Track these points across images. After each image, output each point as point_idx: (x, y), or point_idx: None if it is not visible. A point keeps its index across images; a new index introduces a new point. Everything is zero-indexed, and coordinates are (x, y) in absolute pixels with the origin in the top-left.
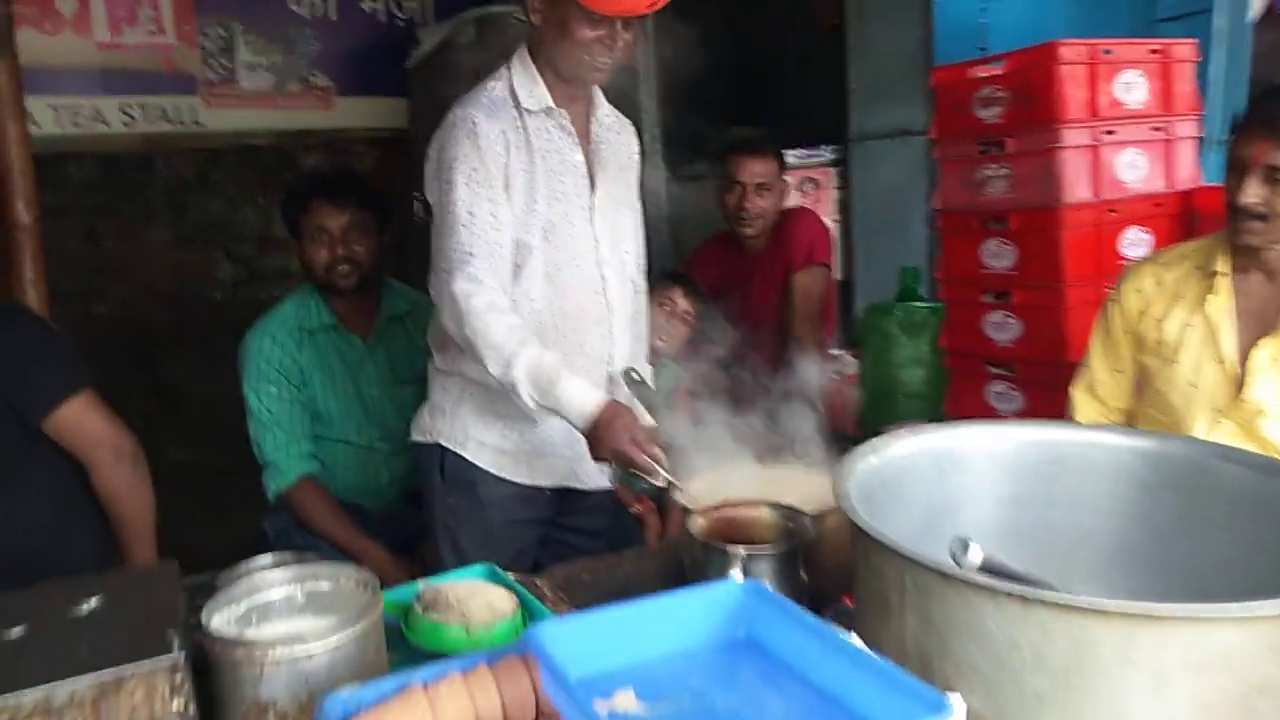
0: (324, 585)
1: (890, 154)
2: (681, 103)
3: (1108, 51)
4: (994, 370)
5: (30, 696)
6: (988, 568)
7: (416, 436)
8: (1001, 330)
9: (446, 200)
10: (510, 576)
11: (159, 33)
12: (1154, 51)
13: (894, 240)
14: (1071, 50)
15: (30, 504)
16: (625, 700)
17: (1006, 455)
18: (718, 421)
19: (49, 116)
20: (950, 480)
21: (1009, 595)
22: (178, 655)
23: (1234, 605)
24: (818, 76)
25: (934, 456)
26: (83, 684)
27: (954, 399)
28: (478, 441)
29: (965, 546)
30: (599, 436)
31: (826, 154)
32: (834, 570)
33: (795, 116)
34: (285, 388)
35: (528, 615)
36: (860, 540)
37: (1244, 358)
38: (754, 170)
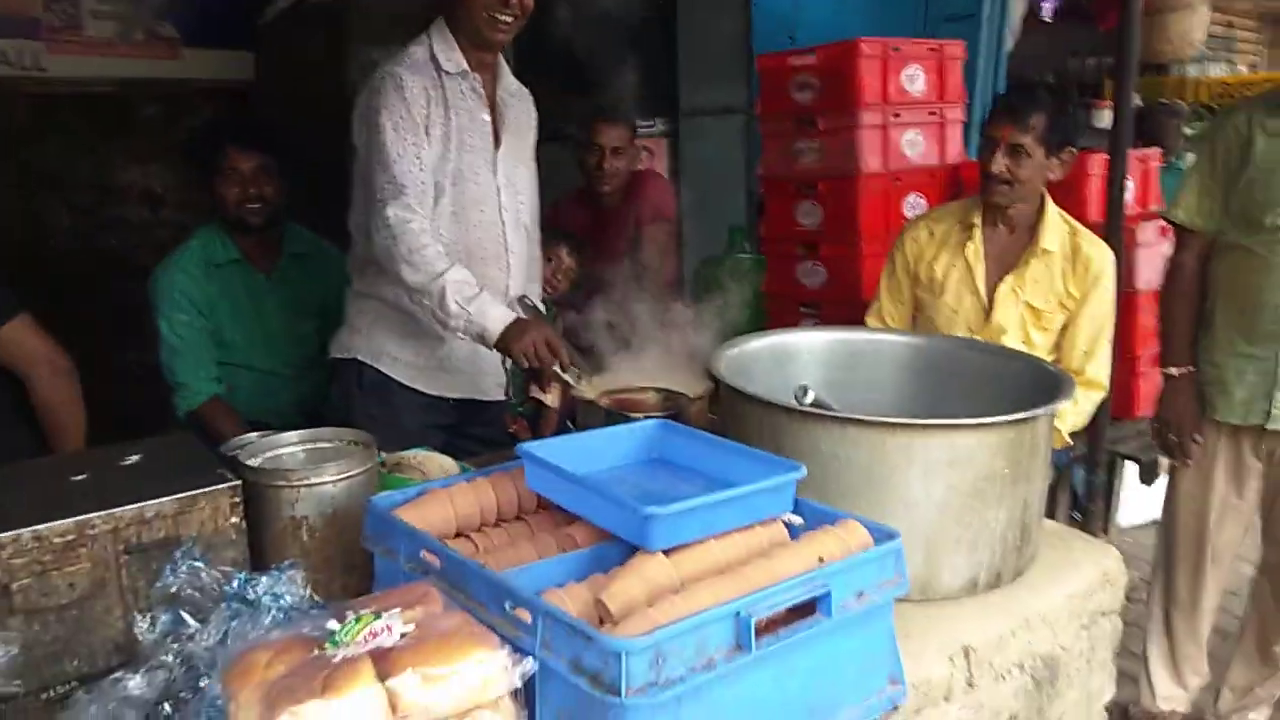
0: (325, 444)
1: (715, 128)
2: (533, 71)
3: (897, 49)
4: (805, 309)
5: (130, 510)
6: (817, 405)
7: (336, 353)
8: (811, 276)
9: (375, 142)
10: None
11: None
12: (932, 50)
13: (717, 203)
14: (869, 46)
15: None
16: None
17: (821, 351)
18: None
19: None
20: (784, 367)
21: (833, 419)
22: (235, 482)
23: (969, 419)
24: (651, 56)
25: (773, 350)
26: (167, 502)
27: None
28: (391, 356)
29: (806, 391)
30: (517, 337)
31: (659, 126)
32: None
33: (631, 91)
34: (194, 316)
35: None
36: (730, 398)
37: (991, 291)
38: (611, 135)
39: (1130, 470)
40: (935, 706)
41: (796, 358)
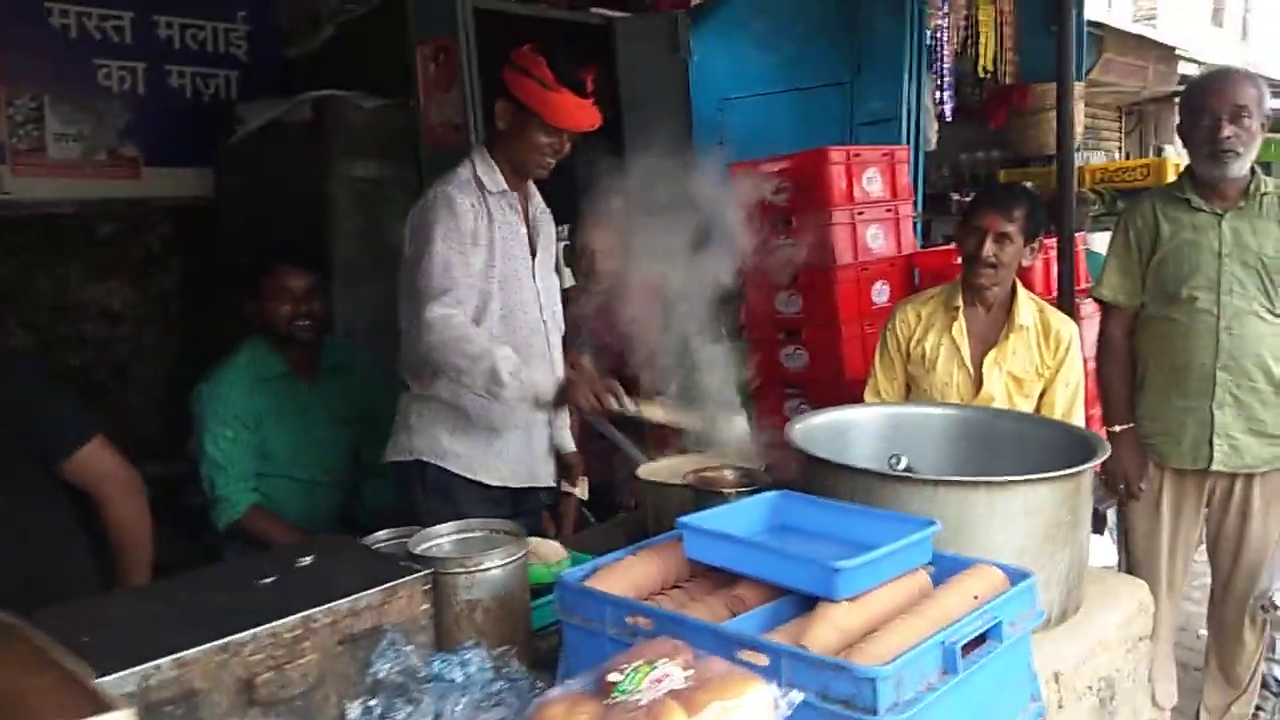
0: (473, 535)
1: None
2: None
3: (858, 155)
4: (790, 390)
5: (345, 604)
6: (909, 470)
7: (395, 456)
8: (794, 359)
9: (425, 253)
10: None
11: None
12: (884, 155)
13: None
14: (836, 153)
15: (37, 536)
16: None
17: (874, 424)
18: None
19: None
20: (844, 438)
21: (924, 482)
22: (428, 572)
23: (1040, 474)
24: (599, 159)
25: (832, 425)
26: (374, 593)
27: (761, 414)
28: (452, 453)
29: (898, 459)
30: (570, 389)
31: None
32: None
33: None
34: (239, 431)
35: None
36: (820, 468)
37: (977, 365)
38: (601, 239)
39: None
40: None
41: (851, 431)
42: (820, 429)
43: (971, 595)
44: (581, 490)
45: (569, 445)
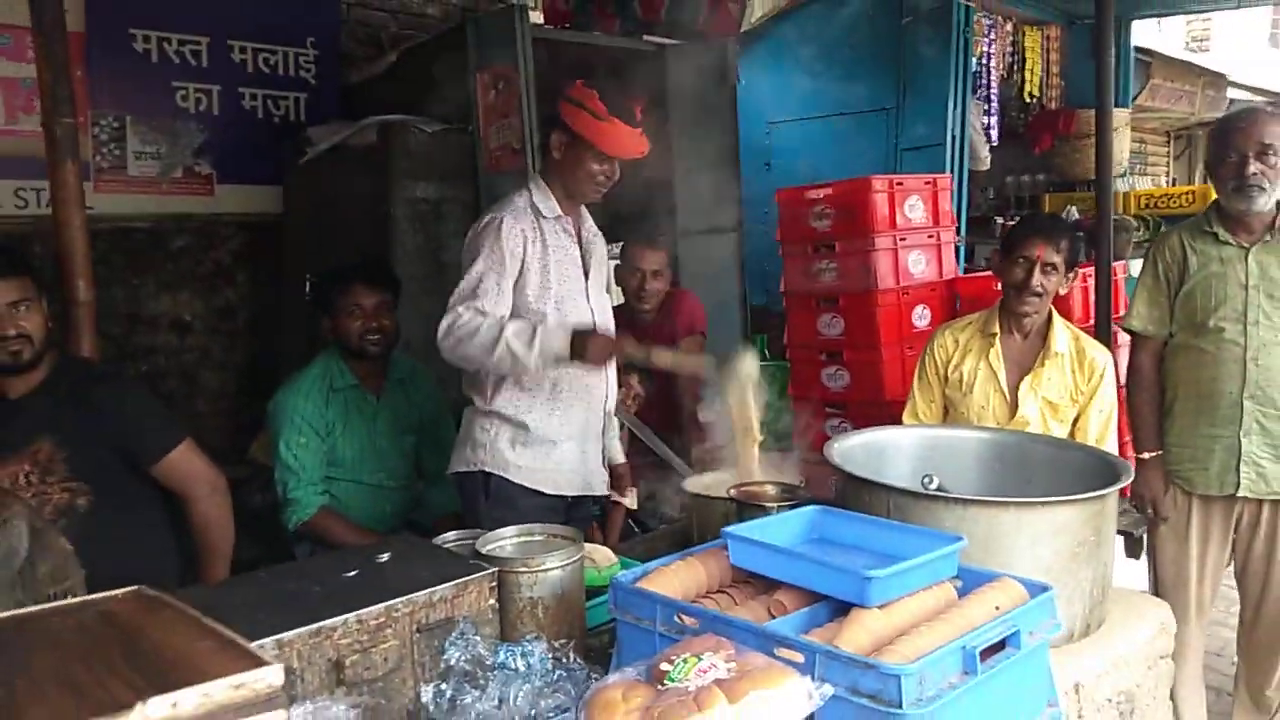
0: (533, 538)
1: (709, 246)
2: None
3: (900, 183)
4: (830, 409)
5: (422, 596)
6: (941, 490)
7: (460, 468)
8: (835, 380)
9: (468, 271)
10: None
11: None
12: (927, 183)
13: (715, 314)
14: (879, 182)
15: (126, 532)
16: None
17: (909, 446)
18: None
19: None
20: (880, 459)
21: (956, 500)
22: (494, 569)
23: (1068, 496)
24: (649, 182)
25: (868, 446)
26: (448, 587)
27: (800, 433)
28: (515, 465)
29: (931, 478)
30: (584, 349)
31: None
32: None
33: (632, 216)
34: (311, 438)
35: (624, 563)
36: (856, 485)
37: (1013, 390)
38: (651, 259)
39: (1118, 543)
40: None
41: (888, 451)
42: (859, 449)
43: (994, 606)
44: (631, 500)
45: (619, 457)
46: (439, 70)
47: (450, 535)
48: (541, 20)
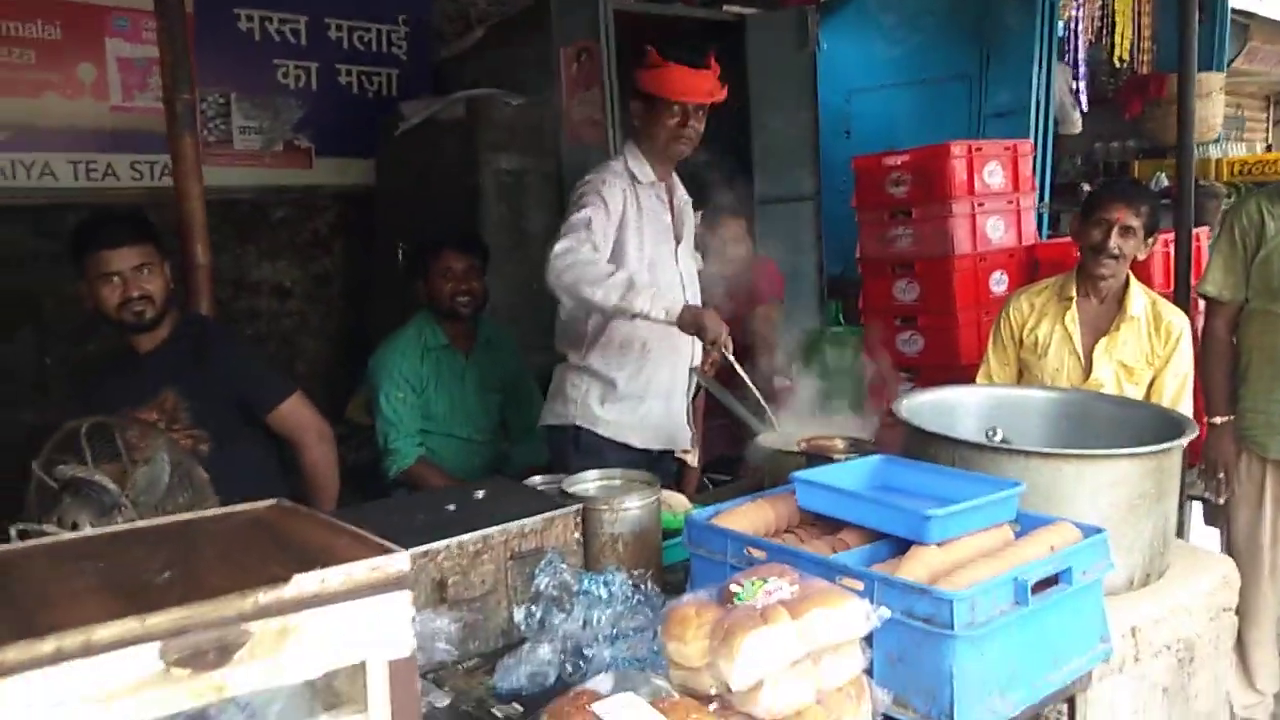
0: (613, 481)
1: (787, 214)
2: None
3: (979, 149)
4: (904, 374)
5: (514, 526)
6: (1005, 442)
7: (551, 420)
8: (910, 344)
9: (570, 218)
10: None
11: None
12: (1006, 149)
13: (792, 281)
14: (958, 148)
15: (242, 473)
16: None
17: (975, 404)
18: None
19: (68, 171)
20: (948, 415)
21: (1019, 452)
22: (578, 506)
23: (1126, 450)
24: (730, 151)
25: (936, 403)
26: (538, 520)
27: (874, 396)
28: (604, 420)
29: (995, 431)
30: (705, 316)
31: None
32: None
33: (711, 184)
34: (408, 393)
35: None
36: (922, 438)
37: (1088, 352)
38: (731, 226)
39: (1196, 510)
40: (1113, 675)
41: (955, 409)
42: (926, 406)
43: (1049, 546)
44: (693, 458)
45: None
46: (524, 45)
47: (537, 479)
48: None
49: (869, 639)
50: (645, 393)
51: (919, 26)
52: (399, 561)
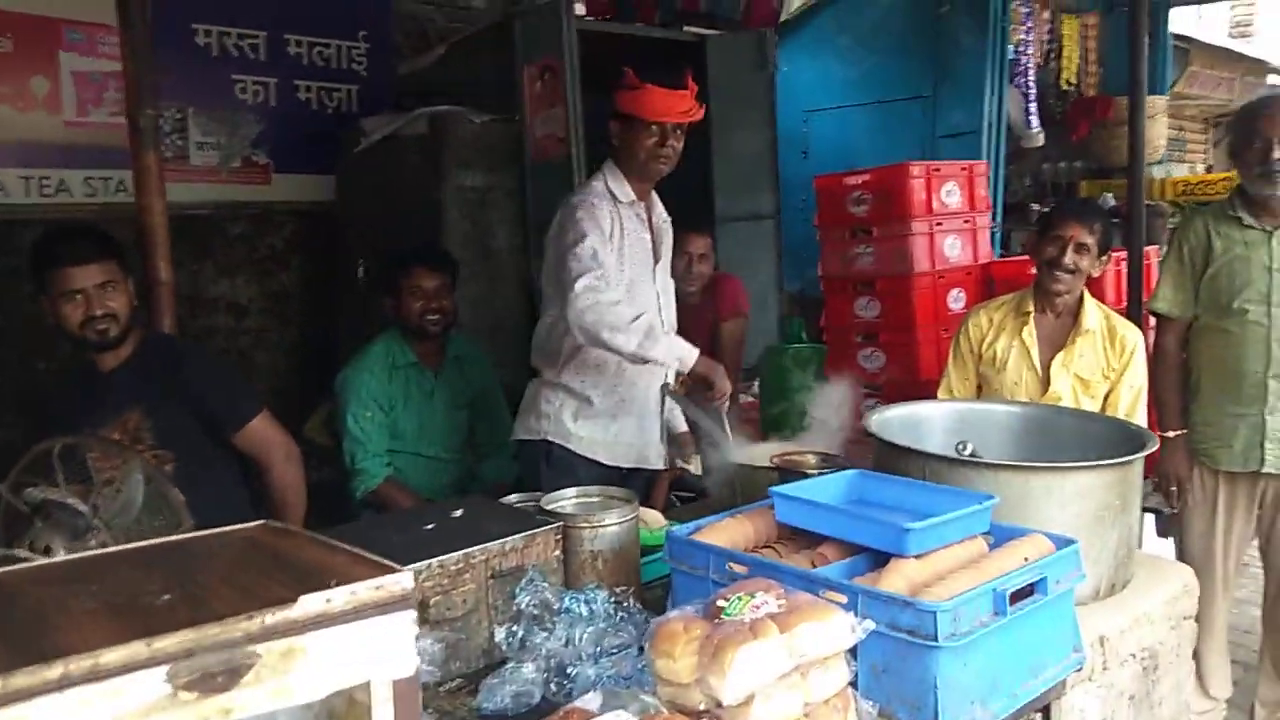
0: (591, 499)
1: (746, 233)
2: None
3: (937, 169)
4: (866, 389)
5: (495, 545)
6: (974, 456)
7: (523, 435)
8: (871, 361)
9: (576, 247)
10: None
11: (121, 114)
12: (963, 169)
13: (752, 298)
14: (917, 168)
15: (206, 494)
16: None
17: (942, 418)
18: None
19: (20, 186)
20: (915, 430)
21: (987, 466)
22: (559, 523)
23: (1092, 462)
24: (692, 172)
25: (904, 418)
26: (519, 538)
27: (839, 412)
28: (577, 435)
29: (965, 445)
30: (713, 367)
31: None
32: None
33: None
34: (376, 411)
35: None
36: (890, 453)
37: (1046, 367)
38: (698, 244)
39: (1149, 521)
40: (1083, 684)
41: (922, 424)
42: (895, 420)
43: (1022, 557)
44: (695, 466)
45: (681, 425)
46: (487, 62)
47: (513, 497)
48: (584, 13)
49: (853, 651)
50: (619, 410)
51: (874, 49)
52: (403, 580)
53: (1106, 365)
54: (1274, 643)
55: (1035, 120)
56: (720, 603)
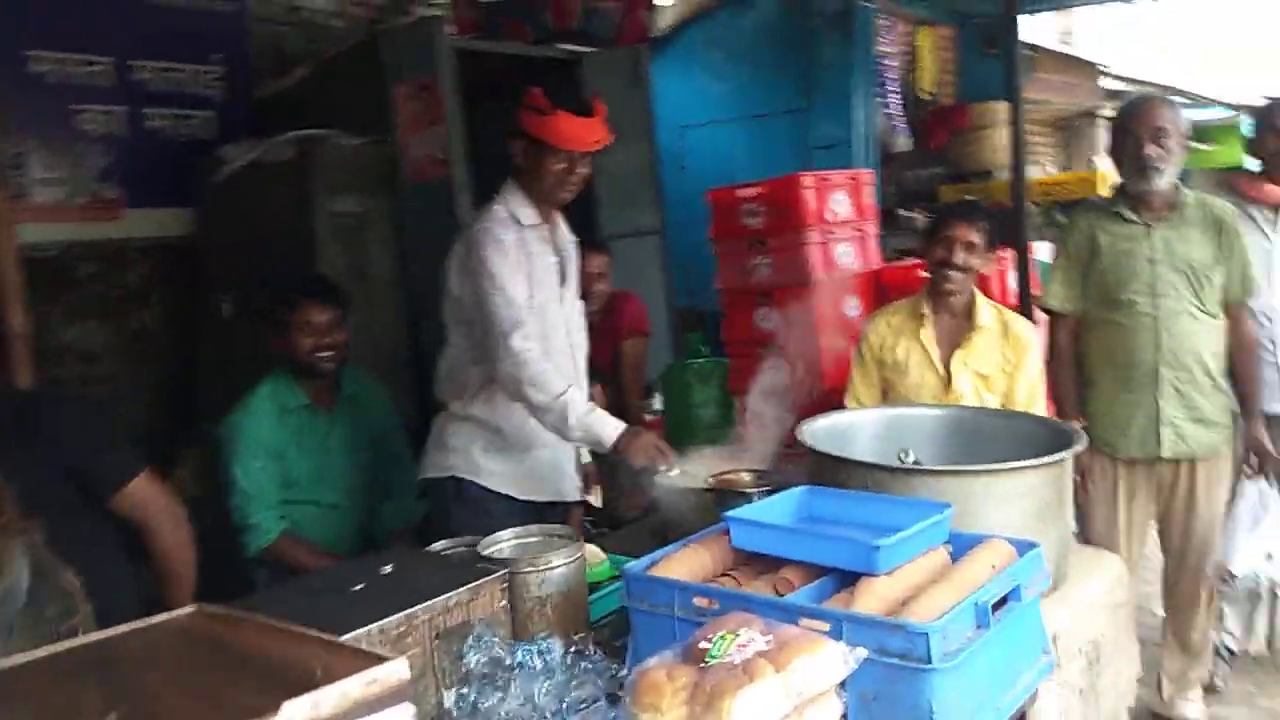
0: (532, 539)
1: (632, 249)
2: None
3: (826, 179)
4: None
5: (439, 602)
6: (917, 463)
7: (431, 473)
8: None
9: (489, 287)
10: None
11: None
12: (851, 179)
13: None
14: (808, 178)
15: (84, 566)
16: None
17: (871, 424)
18: None
19: None
20: (845, 437)
21: (929, 472)
22: (505, 571)
23: (1031, 461)
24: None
25: (832, 427)
26: (464, 591)
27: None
28: (488, 470)
29: (908, 453)
30: (631, 442)
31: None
32: None
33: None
34: (267, 461)
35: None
36: (831, 464)
37: (946, 366)
38: (595, 262)
39: None
40: (1043, 684)
41: (848, 432)
42: (824, 430)
43: (990, 565)
44: (595, 498)
45: (585, 456)
46: (353, 83)
47: (440, 544)
48: (452, 31)
49: (842, 682)
50: (533, 441)
51: (746, 63)
52: (398, 670)
53: (1004, 360)
54: (1176, 619)
55: (902, 128)
56: (703, 644)
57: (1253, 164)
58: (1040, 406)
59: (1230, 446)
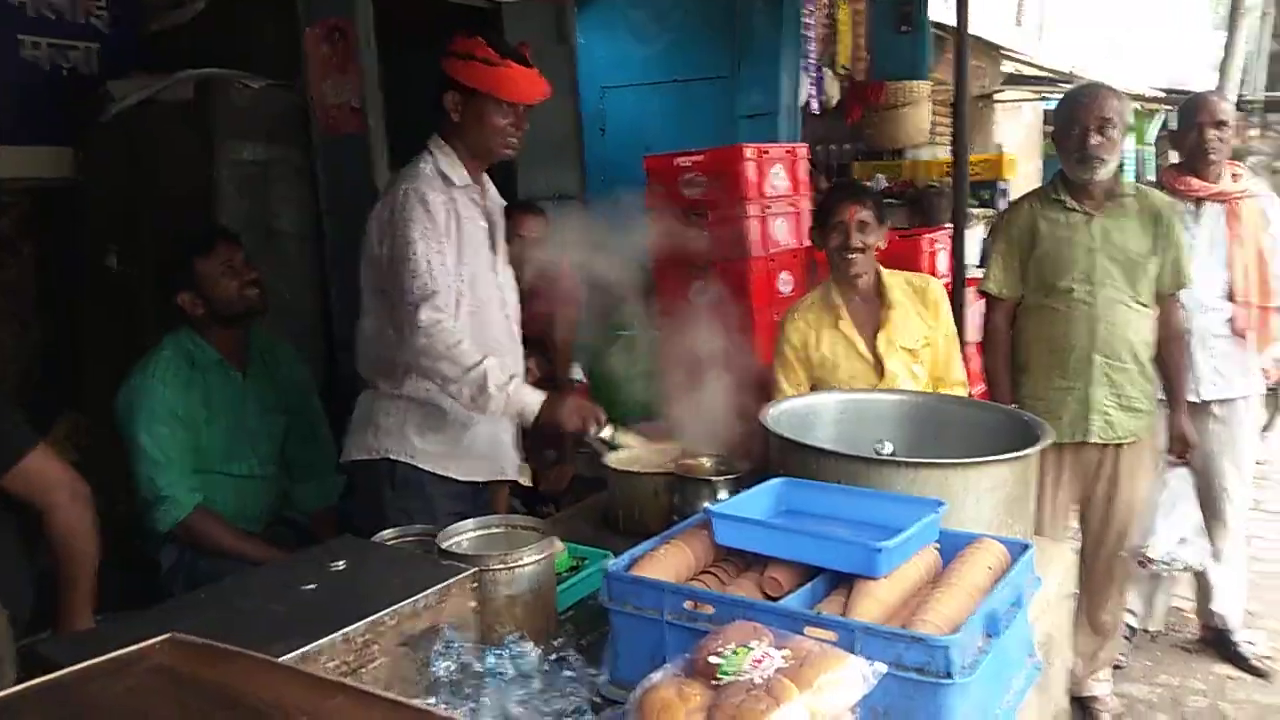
0: (495, 530)
1: (551, 213)
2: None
3: (766, 152)
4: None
5: (406, 605)
6: (893, 455)
7: (358, 455)
8: None
9: (405, 253)
10: None
11: None
12: (788, 152)
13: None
14: (749, 150)
15: None
16: None
17: (833, 410)
18: None
19: None
20: (808, 423)
21: (906, 464)
22: (474, 570)
23: (1003, 455)
24: None
25: (793, 412)
26: (431, 594)
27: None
28: (423, 450)
29: (883, 444)
30: (558, 408)
31: None
32: None
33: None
34: (176, 427)
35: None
36: (801, 454)
37: (873, 350)
38: (532, 226)
39: None
40: None
41: (811, 416)
42: (786, 415)
43: (986, 567)
44: (525, 478)
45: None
46: (259, 21)
47: (388, 533)
48: None
49: None
50: (471, 418)
51: (670, 26)
52: None
53: (924, 325)
54: (1090, 601)
55: (815, 104)
56: (712, 658)
57: (1174, 156)
58: (958, 362)
59: (1152, 433)
